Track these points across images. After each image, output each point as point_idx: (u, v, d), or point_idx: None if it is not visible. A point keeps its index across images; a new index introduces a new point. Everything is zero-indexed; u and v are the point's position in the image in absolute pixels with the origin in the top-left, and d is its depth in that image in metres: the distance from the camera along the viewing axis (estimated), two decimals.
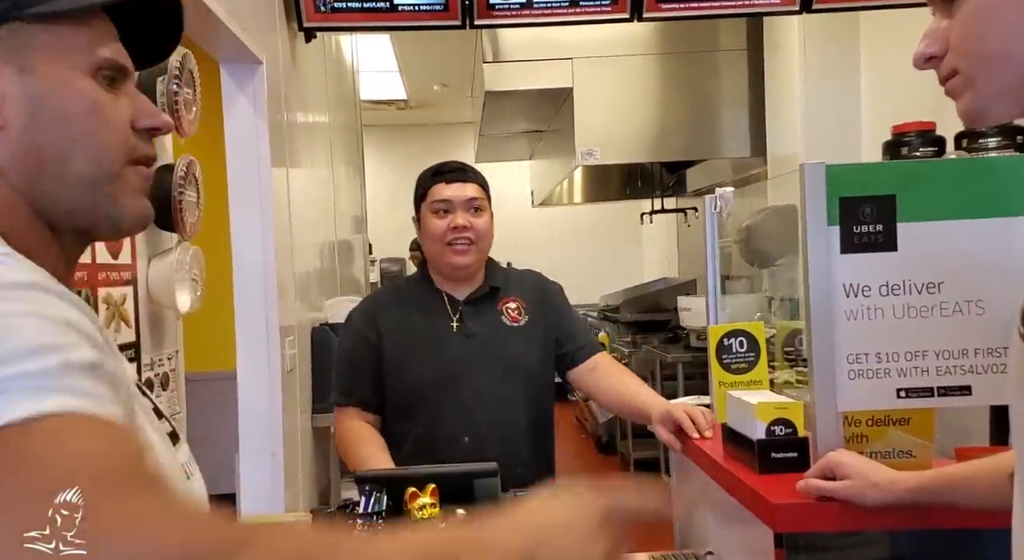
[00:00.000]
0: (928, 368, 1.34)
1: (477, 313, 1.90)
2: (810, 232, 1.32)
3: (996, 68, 0.80)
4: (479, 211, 1.89)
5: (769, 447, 1.43)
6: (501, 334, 1.90)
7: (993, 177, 1.32)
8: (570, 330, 1.98)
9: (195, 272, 1.82)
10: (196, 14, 2.04)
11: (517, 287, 1.97)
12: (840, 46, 3.80)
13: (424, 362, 1.86)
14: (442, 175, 1.91)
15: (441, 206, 1.87)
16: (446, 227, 1.86)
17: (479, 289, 1.93)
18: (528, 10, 3.11)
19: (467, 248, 1.87)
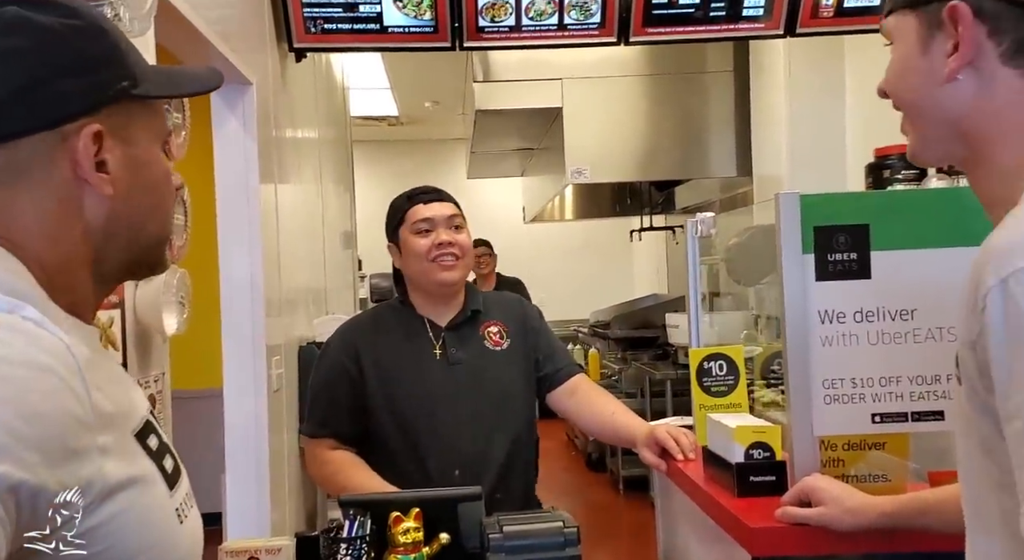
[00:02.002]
0: (902, 393, 1.36)
1: (459, 339, 1.88)
2: (786, 260, 1.35)
3: (914, 117, 0.89)
4: (459, 229, 1.89)
5: (747, 470, 1.45)
6: (484, 359, 1.88)
7: (962, 207, 1.35)
8: (548, 352, 1.97)
9: (182, 295, 1.83)
10: (186, 36, 2.06)
11: (497, 310, 1.96)
12: (825, 69, 3.85)
13: (408, 391, 1.83)
14: (418, 198, 1.90)
15: (424, 225, 1.86)
16: (430, 244, 1.84)
17: (460, 314, 1.91)
18: (517, 33, 3.15)
19: (454, 263, 1.85)
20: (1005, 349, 0.69)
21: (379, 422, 1.84)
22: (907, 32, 0.88)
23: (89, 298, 0.76)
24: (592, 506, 5.28)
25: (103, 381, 0.67)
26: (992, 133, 0.82)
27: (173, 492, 0.73)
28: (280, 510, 2.75)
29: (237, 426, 2.55)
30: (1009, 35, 0.80)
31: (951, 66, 0.82)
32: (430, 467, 1.80)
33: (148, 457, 0.71)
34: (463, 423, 1.82)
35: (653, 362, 5.21)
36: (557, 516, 1.52)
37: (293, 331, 3.19)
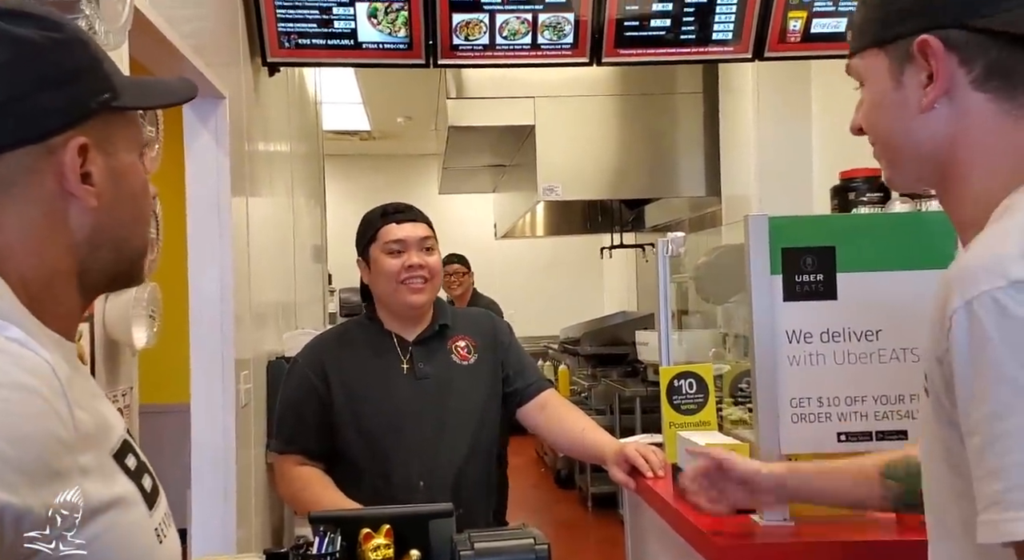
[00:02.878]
0: (867, 413, 1.39)
1: (427, 353, 1.88)
2: (754, 280, 1.38)
3: (890, 148, 0.93)
4: (431, 251, 1.89)
5: None
6: (451, 374, 1.88)
7: (925, 230, 1.39)
8: (518, 367, 1.97)
9: (152, 309, 1.81)
10: (160, 50, 2.05)
11: (466, 325, 1.96)
12: (792, 92, 3.93)
13: (376, 408, 1.83)
14: (392, 216, 1.90)
15: (395, 246, 1.86)
16: (400, 266, 1.85)
17: (428, 329, 1.91)
18: (491, 51, 3.18)
19: (423, 286, 1.86)
20: (968, 368, 0.72)
21: (346, 438, 1.84)
22: (877, 69, 0.90)
23: (73, 312, 0.76)
24: (561, 523, 5.27)
25: (84, 400, 0.67)
26: (965, 158, 0.85)
27: (152, 512, 0.72)
28: (246, 526, 2.71)
29: (204, 441, 2.52)
30: (978, 62, 0.83)
31: (929, 97, 0.85)
32: (395, 481, 1.80)
33: (127, 477, 0.70)
34: (429, 438, 1.82)
35: (623, 379, 5.24)
36: (528, 533, 1.52)
37: (262, 345, 3.17)
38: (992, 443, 0.70)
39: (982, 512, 0.70)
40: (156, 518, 0.72)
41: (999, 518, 0.68)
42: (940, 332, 0.75)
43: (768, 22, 3.18)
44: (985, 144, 0.84)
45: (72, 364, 0.72)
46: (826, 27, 3.20)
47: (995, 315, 0.70)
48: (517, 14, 3.12)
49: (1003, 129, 0.84)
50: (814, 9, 3.18)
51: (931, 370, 0.78)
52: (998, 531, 0.68)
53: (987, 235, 0.79)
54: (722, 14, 3.18)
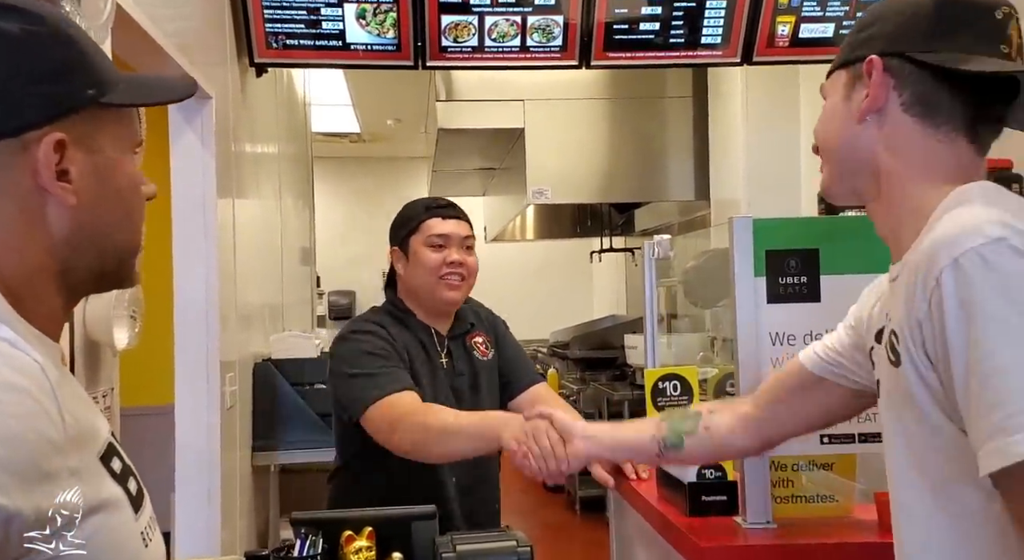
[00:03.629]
0: None
1: (458, 349, 1.92)
2: (738, 282, 1.38)
3: (830, 154, 1.03)
4: (470, 250, 1.92)
5: (699, 490, 1.46)
6: (477, 370, 1.92)
7: None
8: (513, 359, 2.00)
9: (134, 309, 1.80)
10: (144, 48, 2.04)
11: (480, 321, 2.00)
12: (780, 97, 3.94)
13: (427, 396, 1.77)
14: (438, 210, 1.90)
15: (438, 240, 1.86)
16: (442, 261, 1.85)
17: (458, 325, 1.94)
18: (480, 54, 3.17)
19: (459, 284, 1.87)
20: (960, 320, 0.79)
21: None
22: (837, 85, 1.02)
23: (57, 313, 0.74)
24: (548, 526, 5.26)
25: (71, 402, 0.66)
26: (895, 168, 0.96)
27: (138, 515, 0.71)
28: (231, 529, 2.70)
29: (189, 443, 2.51)
30: (908, 88, 0.95)
31: (861, 108, 0.97)
32: (431, 472, 1.77)
33: (113, 480, 0.69)
34: None
35: (611, 383, 5.23)
36: (511, 536, 1.52)
37: (248, 347, 3.15)
38: (987, 378, 0.76)
39: (984, 444, 0.76)
40: (142, 521, 0.71)
41: (1006, 442, 0.74)
42: (922, 295, 0.82)
43: (757, 26, 3.18)
44: (912, 156, 0.95)
45: (57, 365, 0.71)
46: (814, 32, 3.21)
47: (981, 267, 0.78)
48: (506, 16, 3.12)
49: (927, 145, 0.94)
50: (802, 14, 3.19)
51: (909, 335, 0.85)
52: (1006, 454, 0.74)
53: (953, 216, 0.86)
54: (711, 18, 3.18)
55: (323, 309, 6.08)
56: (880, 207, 1.00)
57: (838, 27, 3.19)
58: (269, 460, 3.16)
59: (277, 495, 3.30)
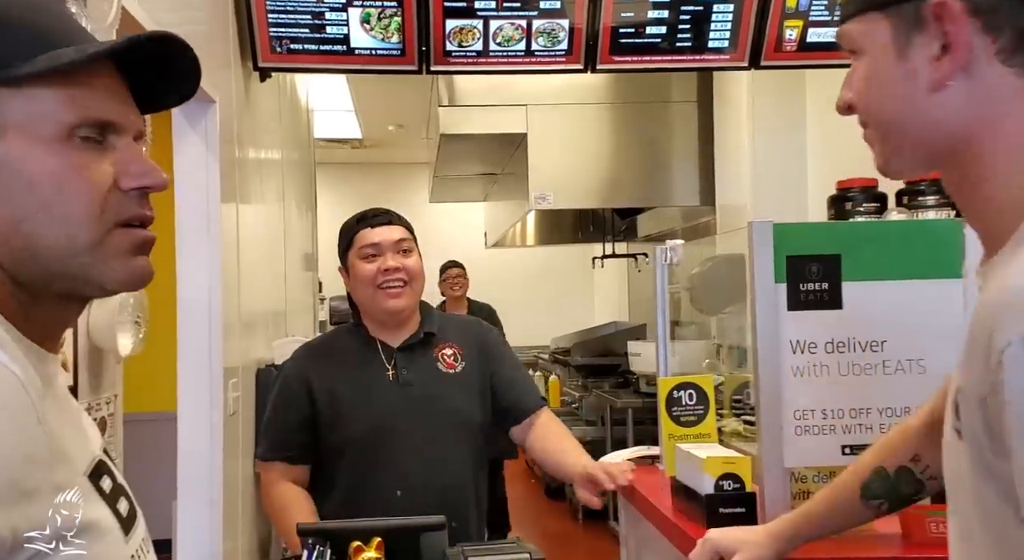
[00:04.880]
0: (871, 425, 1.36)
1: (412, 360, 1.85)
2: (758, 289, 1.35)
3: (892, 131, 0.78)
4: (408, 252, 1.86)
5: (717, 502, 1.43)
6: (437, 381, 1.85)
7: (932, 240, 1.36)
8: (510, 381, 1.93)
9: (138, 314, 1.77)
10: None
11: (454, 333, 1.93)
12: (787, 102, 3.92)
13: (357, 415, 1.80)
14: (366, 221, 1.88)
15: (370, 250, 1.84)
16: (376, 270, 1.82)
17: (413, 335, 1.87)
18: (484, 58, 3.15)
19: (401, 290, 1.82)
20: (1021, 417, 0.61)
21: (327, 445, 1.83)
22: (877, 36, 0.77)
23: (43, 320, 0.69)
24: (551, 534, 5.22)
25: (56, 416, 0.63)
26: (987, 150, 0.72)
27: (129, 538, 0.67)
28: (233, 538, 2.66)
29: (191, 451, 2.47)
30: (1006, 29, 0.69)
31: (942, 71, 0.72)
32: (372, 489, 1.77)
33: (101, 500, 0.65)
34: (410, 446, 1.79)
35: (614, 390, 5.20)
36: (523, 548, 1.49)
37: (251, 353, 3.12)
38: None
39: None
40: (132, 544, 0.68)
41: None
42: (986, 368, 0.64)
43: (764, 31, 3.16)
44: (1011, 132, 0.70)
45: (48, 376, 0.67)
46: (822, 36, 3.19)
47: None
48: (511, 20, 3.10)
49: None
50: (810, 18, 3.16)
51: (969, 410, 0.68)
52: None
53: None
54: (718, 22, 3.16)
55: (325, 315, 6.03)
56: (965, 198, 0.76)
57: None
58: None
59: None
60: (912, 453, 1.14)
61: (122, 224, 0.69)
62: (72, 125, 0.66)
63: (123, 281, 0.71)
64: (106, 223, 0.68)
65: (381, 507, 1.68)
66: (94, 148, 0.68)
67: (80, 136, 0.67)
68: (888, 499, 1.16)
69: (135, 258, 0.71)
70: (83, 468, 0.65)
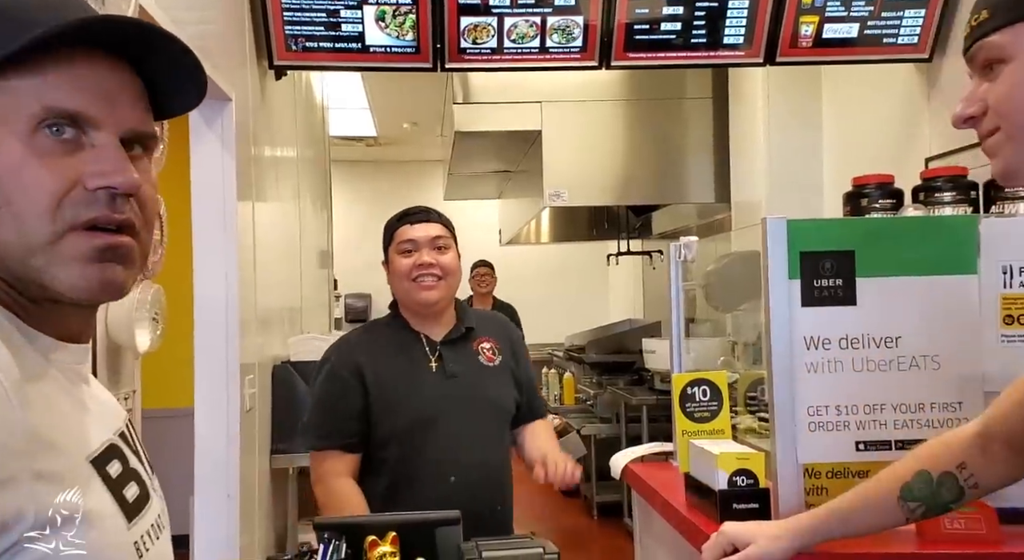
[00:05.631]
0: (886, 421, 1.36)
1: (454, 353, 1.93)
2: (772, 285, 1.34)
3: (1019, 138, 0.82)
4: (444, 249, 1.93)
5: (731, 498, 1.43)
6: (480, 374, 1.94)
7: (948, 235, 1.36)
8: (527, 387, 2.04)
9: (156, 311, 1.79)
10: None
11: (488, 327, 2.02)
12: (802, 98, 3.90)
13: (407, 404, 1.87)
14: (406, 218, 1.96)
15: (407, 246, 1.92)
16: (411, 265, 1.91)
17: (454, 329, 1.96)
18: (499, 55, 3.15)
19: (434, 284, 1.90)
20: None
21: (379, 433, 1.88)
22: None
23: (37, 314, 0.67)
24: (566, 531, 5.22)
25: (43, 400, 0.62)
26: None
27: (133, 524, 0.67)
28: (249, 533, 2.68)
29: (208, 446, 2.49)
30: None
31: None
32: (427, 476, 1.84)
33: (104, 485, 0.65)
34: (461, 434, 1.87)
35: (629, 387, 5.19)
36: (537, 543, 1.49)
37: (268, 350, 3.14)
38: None
39: None
40: (137, 530, 0.67)
41: None
42: None
43: (780, 26, 3.14)
44: None
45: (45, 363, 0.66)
46: (838, 32, 3.17)
47: None
48: (526, 17, 3.10)
49: None
50: (826, 14, 3.14)
51: None
52: None
53: None
54: (733, 18, 3.15)
55: (340, 312, 6.07)
56: None
57: (862, 27, 3.15)
58: (288, 463, 3.15)
59: (296, 498, 3.29)
60: (959, 460, 1.14)
61: (85, 226, 0.65)
62: (38, 116, 0.63)
63: (75, 287, 0.65)
64: (61, 222, 0.64)
65: (437, 492, 1.78)
66: (63, 143, 0.64)
67: (48, 128, 0.64)
68: (927, 503, 1.16)
69: (95, 265, 0.65)
70: (86, 453, 0.65)
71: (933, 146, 2.97)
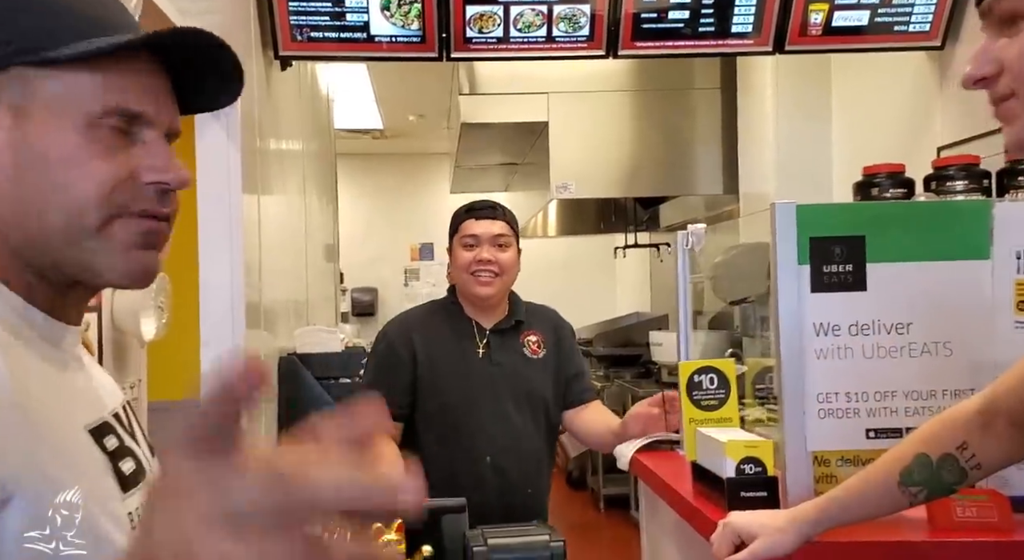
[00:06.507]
0: (897, 408, 1.34)
1: (502, 343, 2.03)
2: (780, 271, 1.33)
3: None
4: (504, 247, 2.03)
5: (739, 486, 1.42)
6: (523, 365, 2.03)
7: (959, 220, 1.34)
8: (576, 372, 2.11)
9: (161, 300, 1.78)
10: None
11: (537, 322, 2.11)
12: (812, 87, 3.87)
13: (453, 385, 1.97)
14: (473, 212, 2.06)
15: (470, 240, 2.02)
16: (472, 259, 2.01)
17: (504, 320, 2.06)
18: (505, 44, 3.13)
19: (491, 280, 2.00)
20: None
21: (424, 406, 1.98)
22: None
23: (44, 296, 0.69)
24: (573, 524, 5.22)
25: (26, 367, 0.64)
26: None
27: (128, 495, 0.68)
28: None
29: None
30: None
31: None
32: (465, 449, 1.94)
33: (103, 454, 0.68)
34: (500, 418, 1.96)
35: (636, 380, 5.18)
36: (543, 529, 1.48)
37: (273, 342, 3.14)
38: None
39: None
40: (132, 502, 0.68)
41: None
42: None
43: (789, 14, 3.12)
44: None
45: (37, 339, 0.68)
46: (848, 20, 3.14)
47: None
48: (532, 6, 3.08)
49: None
50: (836, 2, 3.11)
51: None
52: None
53: None
54: (742, 6, 3.12)
55: (346, 306, 6.06)
56: None
57: (873, 15, 3.12)
58: None
59: None
60: (960, 441, 1.12)
61: (131, 214, 0.68)
62: (101, 112, 0.67)
63: (122, 272, 0.69)
64: (110, 209, 0.67)
65: (474, 470, 1.90)
66: (120, 137, 0.68)
67: (108, 124, 0.67)
68: (928, 486, 1.14)
69: (138, 251, 0.69)
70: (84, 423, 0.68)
71: (945, 135, 2.94)
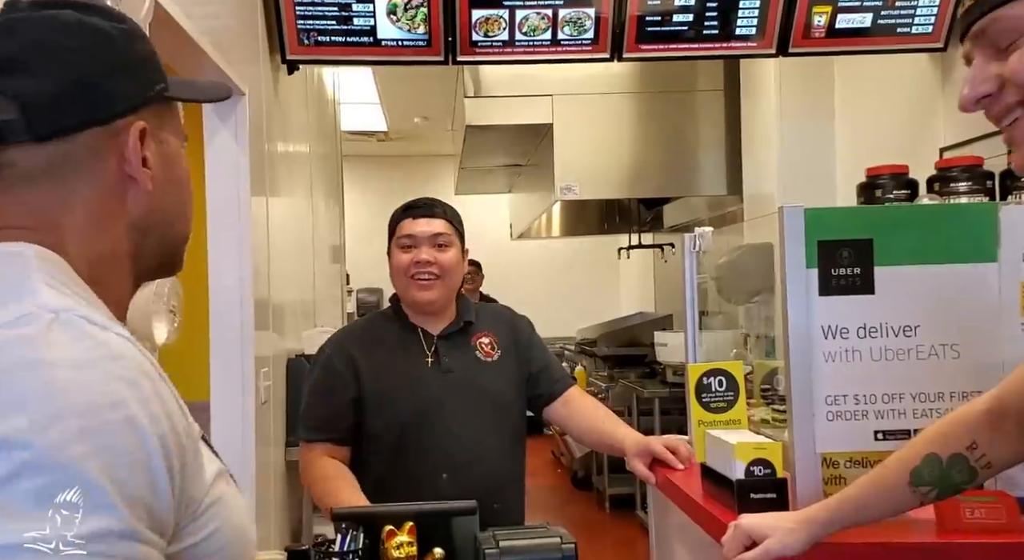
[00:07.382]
0: (905, 410, 1.35)
1: (452, 348, 1.89)
2: (789, 274, 1.34)
3: None
4: (445, 247, 1.87)
5: (748, 487, 1.43)
6: (476, 369, 1.88)
7: (967, 224, 1.35)
8: (543, 365, 1.97)
9: (173, 303, 1.80)
10: (180, 46, 2.04)
11: (488, 322, 1.97)
12: (815, 89, 3.88)
13: (401, 399, 1.83)
14: (410, 210, 1.91)
15: (406, 241, 1.87)
16: (409, 261, 1.85)
17: (452, 324, 1.91)
18: (510, 48, 3.15)
19: (431, 283, 1.85)
20: None
21: (372, 428, 1.84)
22: None
23: (124, 299, 0.78)
24: (578, 524, 5.23)
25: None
26: None
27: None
28: (265, 524, 2.70)
29: (224, 439, 2.50)
30: None
31: None
32: (419, 472, 1.80)
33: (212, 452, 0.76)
34: (454, 430, 1.82)
35: (640, 380, 5.19)
36: (554, 532, 1.49)
37: (282, 343, 3.15)
38: None
39: None
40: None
41: None
42: None
43: (792, 17, 3.13)
44: None
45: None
46: (851, 22, 3.15)
47: None
48: (537, 10, 3.10)
49: None
50: (839, 4, 3.13)
51: None
52: None
53: None
54: (745, 9, 3.13)
55: (352, 306, 6.08)
56: None
57: (876, 17, 3.13)
58: None
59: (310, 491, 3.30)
60: (969, 440, 1.13)
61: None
62: (185, 137, 0.83)
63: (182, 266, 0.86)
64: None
65: (427, 490, 1.71)
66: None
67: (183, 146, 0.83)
68: (938, 486, 1.15)
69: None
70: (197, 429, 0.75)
71: (948, 136, 2.95)
